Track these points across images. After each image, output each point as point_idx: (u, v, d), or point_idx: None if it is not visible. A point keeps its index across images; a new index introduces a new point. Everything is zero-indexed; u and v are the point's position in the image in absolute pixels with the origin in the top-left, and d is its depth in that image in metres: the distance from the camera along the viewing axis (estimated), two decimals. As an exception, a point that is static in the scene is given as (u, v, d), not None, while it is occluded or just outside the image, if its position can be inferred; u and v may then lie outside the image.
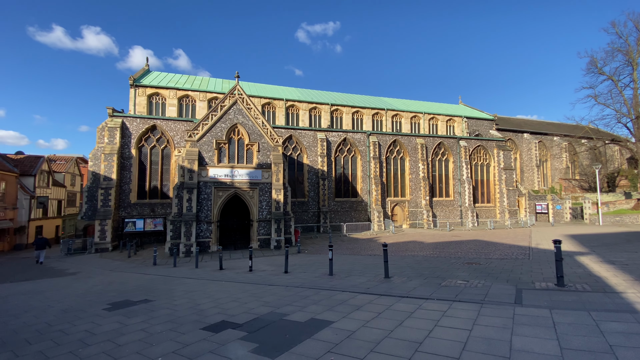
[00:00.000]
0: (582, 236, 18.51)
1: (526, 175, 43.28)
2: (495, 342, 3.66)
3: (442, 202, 34.20)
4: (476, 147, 35.63)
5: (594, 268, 8.30)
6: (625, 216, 29.57)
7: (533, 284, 6.59)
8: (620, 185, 40.13)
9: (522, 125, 46.48)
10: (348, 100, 40.94)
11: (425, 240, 20.50)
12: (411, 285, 7.28)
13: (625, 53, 31.54)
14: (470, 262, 10.90)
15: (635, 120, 30.66)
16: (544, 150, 45.14)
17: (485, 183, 35.97)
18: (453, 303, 5.46)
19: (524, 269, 8.90)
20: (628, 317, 4.10)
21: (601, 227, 26.86)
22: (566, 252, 11.91)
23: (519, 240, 17.66)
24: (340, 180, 31.47)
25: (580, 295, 5.39)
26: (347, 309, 5.55)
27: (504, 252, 13.32)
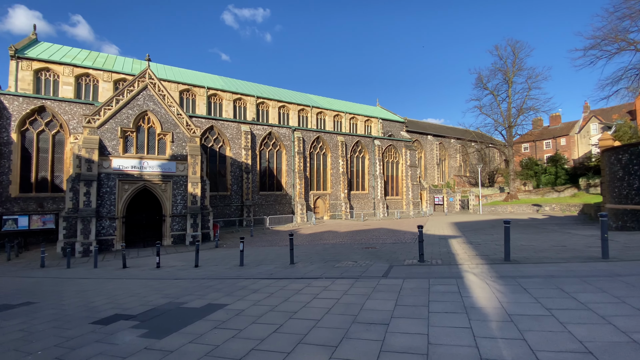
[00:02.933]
0: (462, 223, 22.53)
1: (429, 172, 49.80)
2: (352, 306, 4.65)
3: (358, 195, 37.16)
4: (388, 146, 39.57)
5: (455, 247, 10.49)
6: (498, 206, 36.62)
7: (404, 261, 8.13)
8: (497, 182, 49.32)
9: (427, 128, 53.14)
10: (275, 94, 41.00)
11: (340, 230, 22.29)
12: (310, 268, 8.20)
13: (504, 73, 38.70)
14: (369, 247, 12.52)
15: (508, 129, 37.99)
16: (443, 151, 52.48)
17: (394, 178, 40.28)
18: (337, 280, 6.48)
19: (406, 250, 10.70)
20: (452, 281, 5.57)
21: (480, 216, 32.82)
22: (443, 236, 14.55)
23: (414, 228, 20.63)
24: (264, 174, 31.62)
25: (430, 268, 6.95)
26: (245, 293, 6.09)
27: (398, 238, 15.53)
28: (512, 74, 37.21)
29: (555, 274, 5.37)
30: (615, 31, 19.50)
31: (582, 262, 6.29)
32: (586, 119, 48.67)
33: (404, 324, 3.79)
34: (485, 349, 2.95)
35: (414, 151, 41.47)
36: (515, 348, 2.90)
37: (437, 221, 26.44)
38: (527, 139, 53.68)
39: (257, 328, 4.13)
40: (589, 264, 6.02)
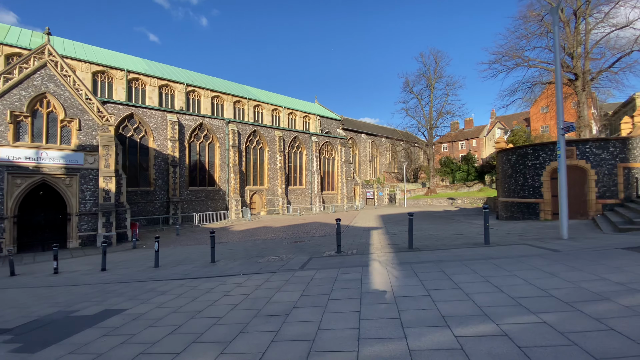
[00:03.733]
0: (387, 215, 24.34)
1: (362, 168, 52.50)
2: (260, 300, 4.71)
3: (296, 190, 37.45)
4: (325, 142, 40.58)
5: (374, 238, 11.30)
6: (420, 200, 40.37)
7: (324, 253, 8.49)
8: (420, 178, 54.30)
9: (361, 127, 55.83)
10: (208, 83, 38.74)
11: (274, 225, 22.24)
12: (231, 266, 8.04)
13: (427, 79, 42.55)
14: (298, 241, 12.76)
15: (429, 130, 41.97)
16: (375, 148, 55.76)
17: (330, 174, 41.57)
18: (253, 275, 6.47)
19: (331, 242, 11.15)
20: (358, 270, 6.00)
21: (404, 208, 35.80)
22: (367, 228, 15.57)
23: (344, 220, 21.62)
24: (195, 168, 29.79)
25: (345, 258, 7.38)
26: (150, 296, 5.71)
27: (328, 231, 16.12)
28: (433, 81, 41.21)
29: (444, 259, 6.17)
30: (514, 49, 22.94)
31: (469, 247, 7.32)
32: (492, 124, 56.40)
33: (302, 313, 3.97)
34: (365, 329, 3.27)
35: (349, 148, 43.27)
36: (390, 327, 3.27)
37: (366, 214, 28.09)
38: (445, 140, 60.06)
39: (152, 331, 3.92)
40: (473, 249, 7.05)
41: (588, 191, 12.01)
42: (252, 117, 40.18)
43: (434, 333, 3.02)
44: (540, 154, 13.07)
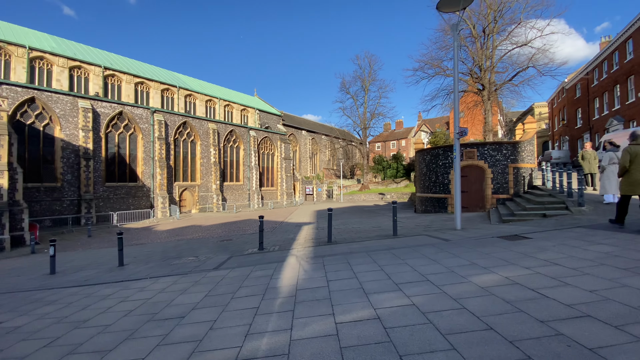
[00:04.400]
0: (322, 210, 25.03)
1: (302, 165, 53.04)
2: (159, 304, 4.48)
3: (232, 187, 36.20)
4: (264, 137, 39.93)
5: (302, 233, 11.54)
6: (355, 195, 42.33)
7: (247, 251, 8.41)
8: (356, 174, 56.92)
9: (302, 123, 56.25)
10: (132, 67, 35.05)
11: (205, 224, 21.22)
12: (140, 269, 7.47)
13: (362, 80, 44.53)
14: (225, 239, 12.39)
15: (364, 130, 44.10)
16: (315, 145, 56.75)
17: (270, 170, 41.13)
18: (161, 278, 6.12)
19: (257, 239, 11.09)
20: (272, 266, 6.08)
21: (340, 203, 37.16)
22: (300, 223, 15.86)
23: (280, 217, 21.68)
24: (113, 161, 26.82)
25: (265, 255, 7.42)
26: (34, 307, 5.02)
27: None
28: (368, 83, 43.41)
29: (354, 251, 6.60)
30: (434, 59, 25.33)
31: (379, 239, 7.95)
32: (419, 126, 61.66)
33: (200, 314, 3.90)
34: (256, 324, 3.35)
35: (289, 144, 43.26)
36: (281, 320, 3.40)
37: (304, 210, 28.50)
38: (379, 139, 63.84)
39: (23, 346, 3.46)
40: (382, 240, 7.66)
41: (485, 187, 13.94)
42: (182, 108, 37.59)
43: (319, 322, 3.22)
44: (449, 154, 14.75)
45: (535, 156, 14.34)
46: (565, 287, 3.40)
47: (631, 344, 2.25)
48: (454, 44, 8.18)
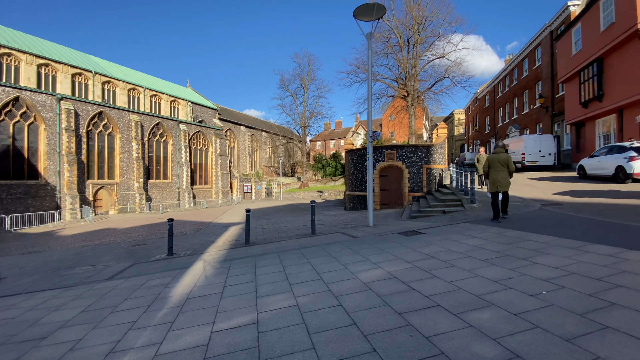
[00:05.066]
0: (258, 209, 24.55)
1: (241, 162, 51.39)
2: (23, 323, 3.86)
3: (159, 185, 33.41)
4: (196, 132, 37.61)
5: (225, 235, 11.13)
6: (295, 193, 42.46)
7: (154, 257, 7.79)
8: (297, 172, 57.18)
9: (240, 118, 54.40)
10: (33, 45, 29.95)
11: (122, 226, 19.18)
12: (20, 283, 6.41)
13: (302, 79, 44.71)
14: (138, 244, 11.33)
15: (303, 128, 44.43)
16: (255, 142, 55.43)
17: (203, 166, 38.94)
18: (40, 293, 5.31)
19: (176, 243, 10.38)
20: (173, 273, 5.72)
21: (279, 202, 36.91)
22: (228, 224, 15.30)
23: (210, 217, 20.68)
24: (7, 155, 22.70)
25: (172, 261, 6.95)
26: None
27: (185, 229, 15.00)
28: (307, 82, 43.80)
29: (267, 252, 6.56)
30: (365, 64, 26.53)
31: (297, 238, 8.04)
32: (357, 127, 64.38)
33: (66, 333, 3.46)
34: (126, 340, 3.08)
35: (225, 140, 41.44)
36: (155, 333, 3.18)
37: (239, 209, 27.60)
38: (319, 138, 65.04)
39: None
40: (298, 239, 7.77)
41: (403, 186, 15.13)
42: (99, 96, 33.45)
43: (194, 333, 3.10)
44: (373, 155, 15.64)
45: (446, 158, 16.02)
46: (432, 280, 3.81)
47: (462, 330, 2.59)
48: (368, 52, 8.64)
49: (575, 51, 17.86)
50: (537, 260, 4.11)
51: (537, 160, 18.09)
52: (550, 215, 7.02)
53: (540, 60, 23.85)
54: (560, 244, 4.71)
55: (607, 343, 2.19)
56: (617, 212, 6.67)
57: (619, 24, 14.25)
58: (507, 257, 4.35)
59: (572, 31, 18.18)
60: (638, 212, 6.54)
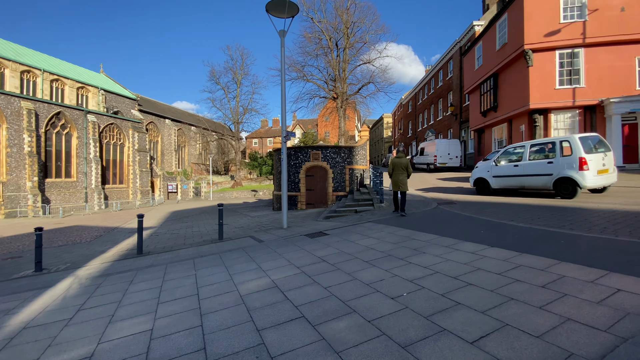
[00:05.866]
0: (180, 211, 22.71)
1: (166, 158, 47.17)
2: None
3: (61, 184, 28.76)
4: (109, 124, 33.33)
5: (124, 243, 9.86)
6: (227, 193, 40.56)
7: (18, 273, 6.45)
8: (231, 170, 54.82)
9: (166, 111, 49.91)
10: None
11: (4, 235, 15.88)
12: None
13: (234, 73, 42.83)
14: (12, 257, 9.41)
15: (236, 124, 42.66)
16: (183, 137, 51.41)
17: (118, 163, 34.73)
18: None
19: (59, 254, 8.85)
20: (24, 295, 4.72)
21: (208, 202, 34.84)
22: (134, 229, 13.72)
23: (119, 221, 18.41)
24: None
25: (37, 279, 5.80)
26: None
27: (80, 237, 13.01)
28: (240, 76, 42.14)
29: (156, 263, 5.89)
30: (296, 62, 26.50)
31: (201, 245, 7.44)
32: (294, 125, 64.34)
33: None
34: None
35: (145, 134, 37.51)
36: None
37: (158, 211, 25.22)
38: (256, 135, 63.39)
39: None
40: (201, 247, 7.19)
41: (328, 186, 15.39)
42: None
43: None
44: (299, 155, 15.61)
45: (367, 159, 16.78)
46: (310, 287, 3.71)
47: (312, 345, 2.46)
48: (281, 50, 8.42)
49: (478, 66, 20.29)
50: (413, 259, 4.32)
51: (446, 162, 20.14)
52: (442, 213, 7.68)
53: (451, 72, 26.62)
54: (438, 242, 5.08)
55: (437, 348, 2.26)
56: (493, 209, 7.58)
57: (510, 44, 16.53)
58: (389, 258, 4.51)
59: (476, 48, 20.61)
60: (509, 209, 7.52)
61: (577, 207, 7.02)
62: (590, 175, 7.81)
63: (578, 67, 14.93)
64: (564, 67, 15.09)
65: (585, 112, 15.03)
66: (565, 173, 8.13)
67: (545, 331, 2.34)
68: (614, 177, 8.36)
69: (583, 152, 7.89)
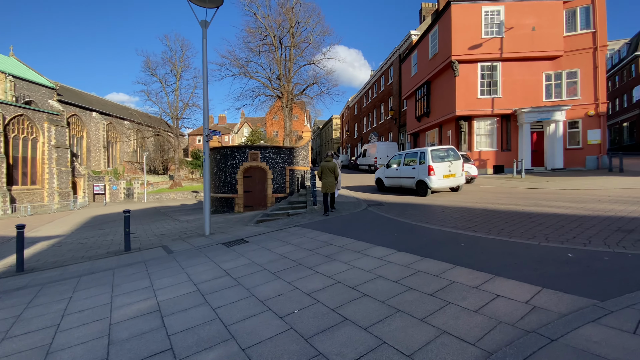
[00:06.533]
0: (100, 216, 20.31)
1: (93, 156, 42.24)
2: None
3: (-52, 185, 23.95)
4: (18, 116, 28.75)
5: (15, 256, 8.32)
6: (164, 194, 37.56)
7: None
8: (170, 169, 51.05)
9: (93, 103, 44.69)
10: None
11: None
12: None
13: (173, 65, 39.84)
14: None
15: (175, 120, 39.78)
16: (114, 132, 46.52)
17: (29, 161, 30.13)
18: None
19: None
20: None
21: (142, 204, 31.88)
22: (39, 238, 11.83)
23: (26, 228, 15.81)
24: None
25: None
26: None
27: (-41, 251, 10.76)
28: (180, 69, 39.38)
29: (31, 284, 4.93)
30: (238, 58, 25.42)
31: (99, 259, 6.50)
32: (242, 123, 62.26)
33: None
34: None
35: (64, 128, 33.05)
36: None
37: (76, 216, 22.30)
38: (201, 132, 59.93)
39: None
40: (97, 261, 6.27)
41: (267, 187, 14.90)
42: None
43: None
44: (236, 155, 14.86)
45: (309, 160, 16.64)
46: (198, 309, 3.28)
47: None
48: (203, 42, 7.77)
49: (413, 73, 21.43)
50: (321, 268, 4.13)
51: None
52: (368, 215, 7.73)
53: (392, 78, 27.84)
54: (353, 247, 4.98)
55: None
56: (414, 211, 7.84)
57: (440, 55, 17.67)
58: (297, 268, 4.26)
59: (412, 56, 21.75)
60: (427, 210, 7.83)
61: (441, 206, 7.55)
62: (435, 179, 9.85)
63: (496, 79, 16.49)
64: (485, 79, 16.56)
65: (502, 120, 16.67)
66: (420, 177, 10.25)
67: (418, 348, 2.24)
68: (462, 180, 10.38)
69: (431, 161, 9.89)
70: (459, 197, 9.71)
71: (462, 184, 10.62)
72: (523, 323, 2.44)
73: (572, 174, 14.20)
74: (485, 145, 16.91)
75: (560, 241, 4.44)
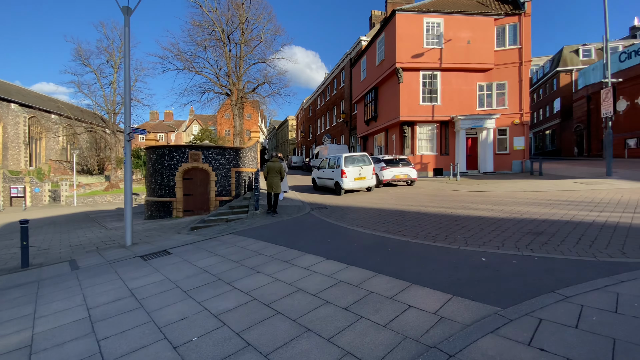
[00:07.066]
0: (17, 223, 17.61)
1: (11, 153, 36.72)
2: None
3: None
4: None
5: None
6: (98, 197, 34.00)
7: None
8: (107, 169, 46.44)
9: (12, 93, 38.90)
10: None
11: None
12: None
13: (111, 55, 36.30)
14: None
15: (112, 115, 36.28)
16: (39, 127, 40.99)
17: None
18: None
19: None
20: None
21: (70, 209, 28.46)
22: None
23: None
24: None
25: None
26: None
27: None
28: (118, 59, 36.00)
29: None
30: (183, 52, 23.87)
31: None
32: (191, 121, 58.92)
33: None
34: None
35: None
36: None
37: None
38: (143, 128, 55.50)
39: None
40: (-16, 281, 5.24)
41: (210, 190, 14.08)
42: None
43: None
44: (174, 155, 13.82)
45: (258, 161, 16.12)
46: (77, 342, 2.77)
47: None
48: (125, 31, 6.98)
49: (363, 78, 21.95)
50: (240, 283, 3.82)
51: (336, 166, 21.09)
52: (309, 220, 7.56)
53: (343, 82, 28.30)
54: (283, 256, 4.74)
55: None
56: (355, 215, 7.85)
57: (387, 61, 18.27)
58: (215, 283, 3.90)
59: (361, 61, 22.26)
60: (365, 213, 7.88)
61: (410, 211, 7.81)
62: (347, 180, 11.42)
63: (436, 87, 17.50)
64: (426, 86, 17.48)
65: (441, 126, 17.74)
66: (336, 178, 11.82)
67: (315, 377, 2.06)
68: (372, 182, 11.95)
69: (344, 166, 11.47)
70: (398, 200, 10.00)
71: (373, 185, 12.11)
72: (427, 337, 2.38)
73: (500, 177, 15.57)
74: (427, 150, 17.86)
75: (478, 244, 4.64)
